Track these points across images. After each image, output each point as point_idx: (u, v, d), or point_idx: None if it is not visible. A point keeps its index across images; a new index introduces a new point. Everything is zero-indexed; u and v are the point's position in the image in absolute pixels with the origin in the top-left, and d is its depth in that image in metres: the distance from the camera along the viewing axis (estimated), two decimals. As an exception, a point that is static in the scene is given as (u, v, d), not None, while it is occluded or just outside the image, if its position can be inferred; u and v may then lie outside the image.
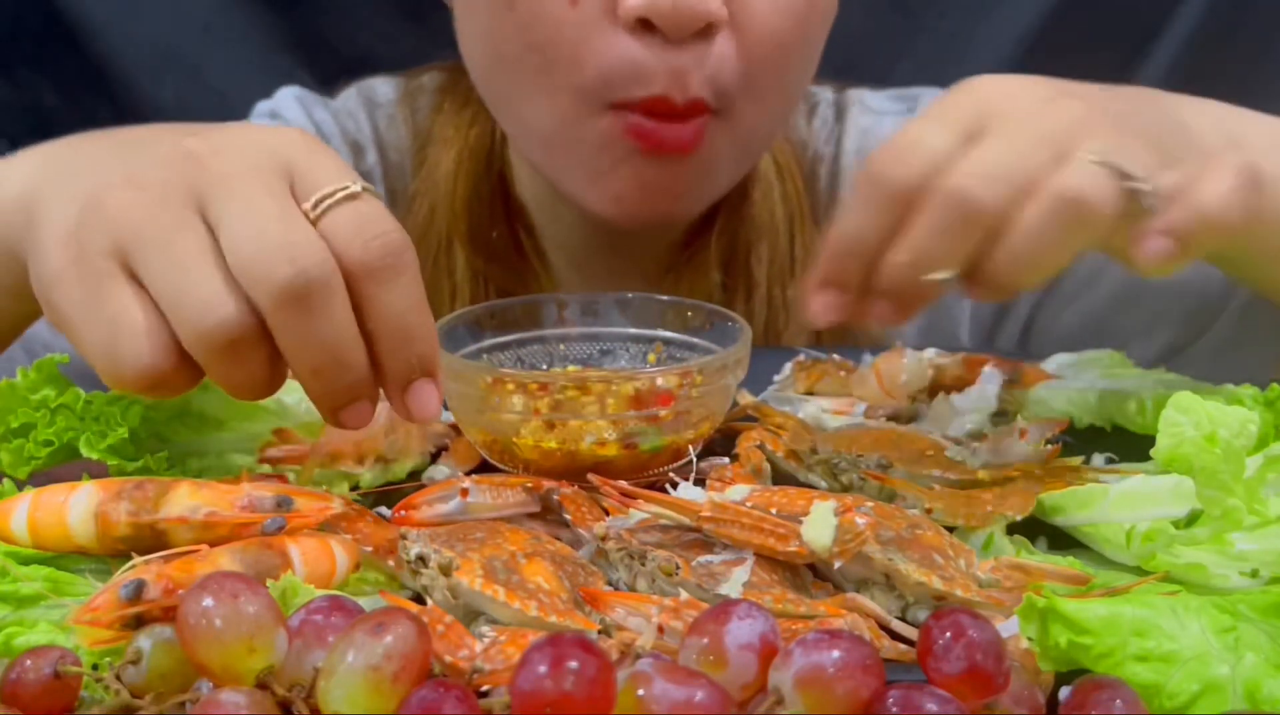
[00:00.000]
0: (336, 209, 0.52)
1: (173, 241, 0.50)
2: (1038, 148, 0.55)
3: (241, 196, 0.51)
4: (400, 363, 0.53)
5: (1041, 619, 0.42)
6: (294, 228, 0.50)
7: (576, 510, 0.57)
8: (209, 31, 1.37)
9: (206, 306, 0.50)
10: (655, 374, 0.62)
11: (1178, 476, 0.53)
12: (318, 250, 0.50)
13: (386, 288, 0.51)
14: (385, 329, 0.52)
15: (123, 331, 0.50)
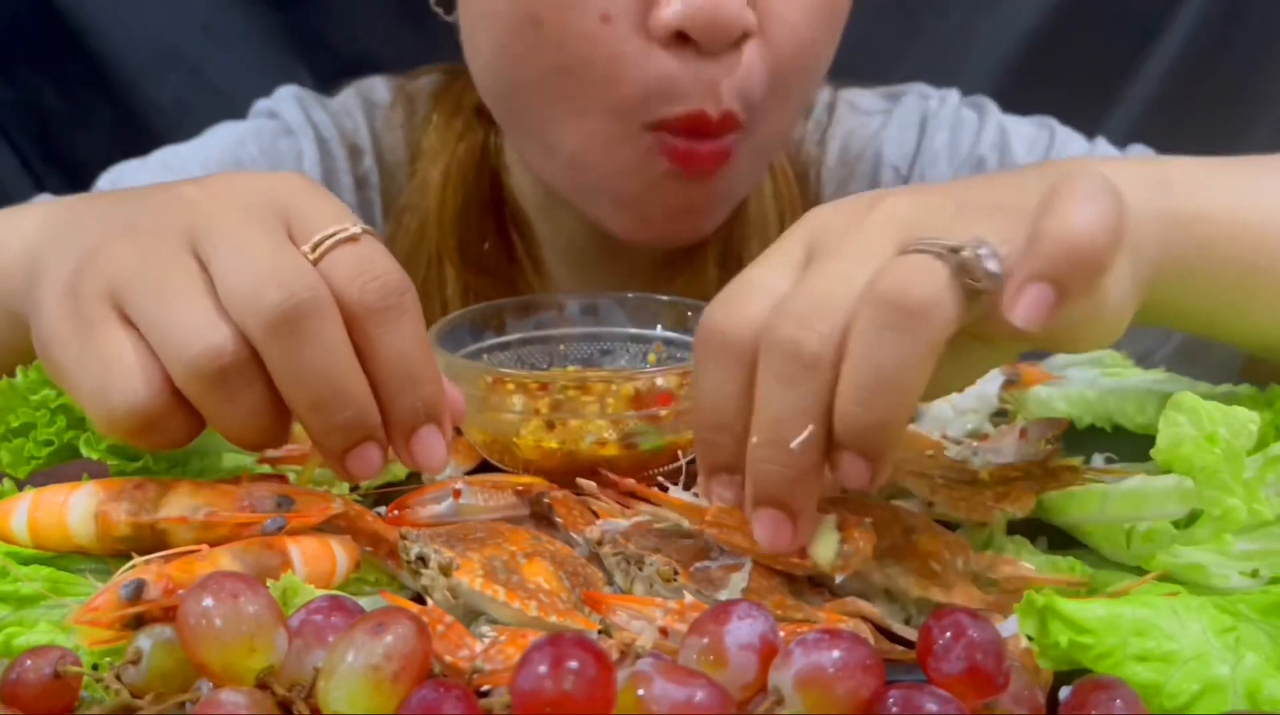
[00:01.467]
0: (335, 251, 0.50)
1: (163, 280, 0.49)
2: (855, 263, 0.47)
3: (233, 232, 0.50)
4: (405, 407, 0.51)
5: (1041, 618, 0.42)
6: (284, 257, 0.49)
7: (567, 514, 0.57)
8: (209, 31, 1.37)
9: (193, 335, 0.48)
10: (655, 374, 0.62)
11: (1178, 476, 0.53)
12: (309, 276, 0.49)
13: (388, 329, 0.50)
14: (388, 371, 0.50)
15: (113, 371, 0.49)
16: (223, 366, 0.48)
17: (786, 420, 0.46)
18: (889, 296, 0.45)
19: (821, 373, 0.46)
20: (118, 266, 0.50)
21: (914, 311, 0.45)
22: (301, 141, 0.98)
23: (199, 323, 0.49)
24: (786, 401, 0.46)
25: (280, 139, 0.99)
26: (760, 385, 0.47)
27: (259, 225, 0.51)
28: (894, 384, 0.45)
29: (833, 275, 0.48)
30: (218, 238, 0.50)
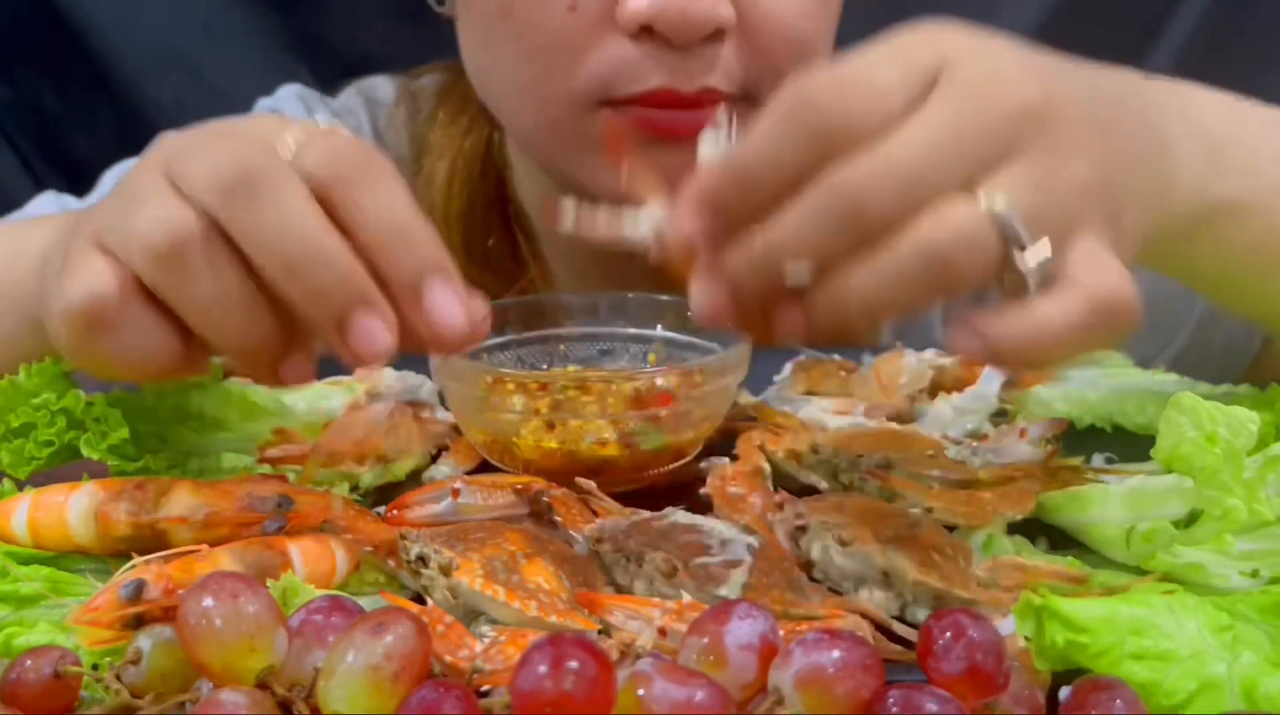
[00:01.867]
0: (309, 145, 0.49)
1: (136, 202, 0.49)
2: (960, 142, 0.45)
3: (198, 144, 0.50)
4: (404, 267, 0.47)
5: (1038, 618, 0.42)
6: (241, 144, 0.48)
7: (566, 512, 0.57)
8: (209, 31, 1.37)
9: (150, 222, 0.47)
10: (655, 374, 0.62)
11: (1178, 476, 0.53)
12: (262, 148, 0.48)
13: (366, 193, 0.47)
14: (376, 235, 0.47)
15: (75, 272, 0.48)
16: (180, 241, 0.46)
17: (796, 248, 0.44)
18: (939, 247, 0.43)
19: (860, 236, 0.44)
20: (102, 214, 0.50)
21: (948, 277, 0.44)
22: None
23: (155, 212, 0.47)
24: (811, 233, 0.44)
25: None
26: (799, 204, 0.44)
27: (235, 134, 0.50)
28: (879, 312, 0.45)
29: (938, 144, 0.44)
30: (183, 155, 0.49)
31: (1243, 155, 0.58)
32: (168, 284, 0.48)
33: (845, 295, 0.45)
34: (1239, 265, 0.60)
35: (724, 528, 0.54)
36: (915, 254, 0.44)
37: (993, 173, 0.45)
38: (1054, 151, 0.46)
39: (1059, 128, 0.46)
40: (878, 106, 0.45)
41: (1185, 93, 0.58)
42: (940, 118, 0.45)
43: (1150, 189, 0.52)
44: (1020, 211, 0.44)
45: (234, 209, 0.47)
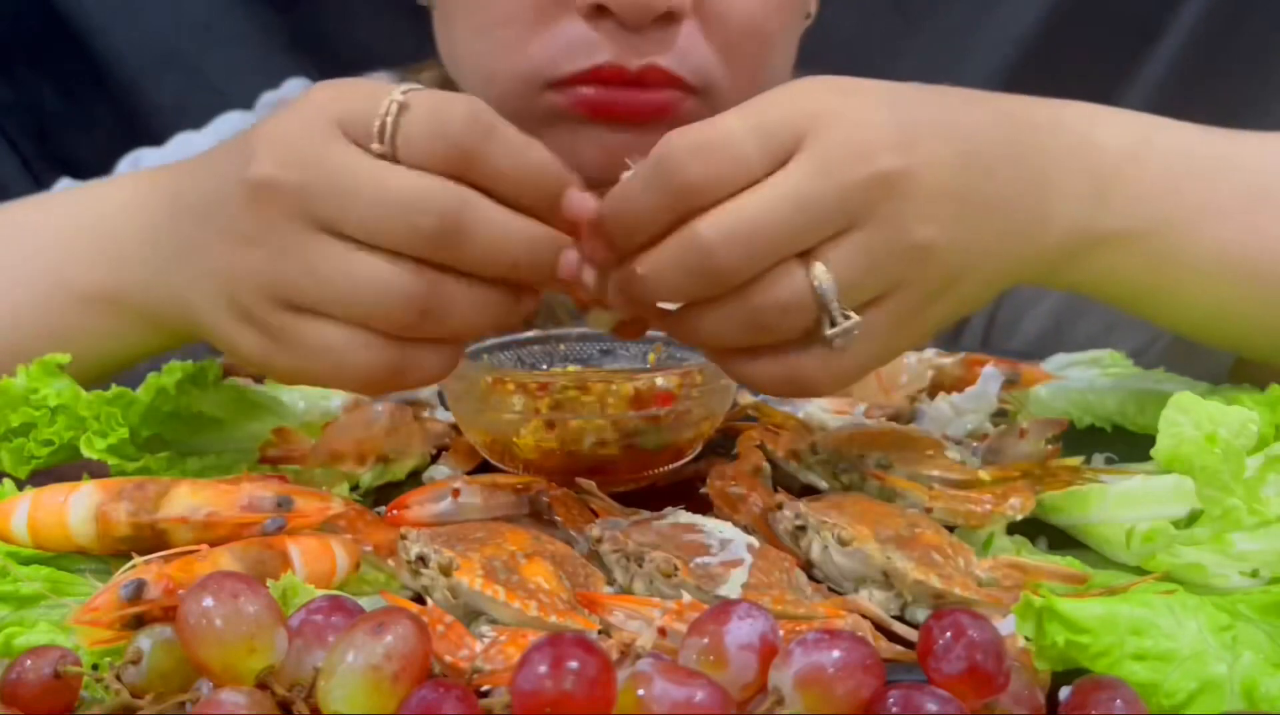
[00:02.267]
0: (400, 132, 0.51)
1: (313, 264, 0.52)
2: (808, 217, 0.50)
3: (333, 189, 0.51)
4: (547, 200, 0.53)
5: (1038, 618, 0.42)
6: (397, 184, 0.51)
7: (566, 512, 0.57)
8: (209, 31, 1.37)
9: (376, 292, 0.51)
10: (655, 374, 0.62)
11: (1178, 476, 0.53)
12: (429, 181, 0.51)
13: (490, 154, 0.51)
14: (518, 184, 0.52)
15: (329, 358, 0.52)
16: (418, 296, 0.51)
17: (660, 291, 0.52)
18: (758, 318, 0.51)
19: (717, 286, 0.51)
20: (261, 277, 0.53)
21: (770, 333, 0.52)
22: None
23: (373, 279, 0.51)
24: (672, 278, 0.51)
25: None
26: (663, 250, 0.51)
27: (341, 163, 0.51)
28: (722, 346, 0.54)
29: (784, 212, 0.50)
30: (324, 203, 0.51)
31: (1142, 184, 0.59)
32: (424, 330, 0.52)
33: (696, 334, 0.53)
34: (1143, 286, 0.62)
35: (724, 528, 0.54)
36: (744, 314, 0.51)
37: (831, 242, 0.51)
38: (896, 220, 0.51)
39: (907, 197, 0.51)
40: (734, 170, 0.50)
41: (1085, 125, 0.61)
42: (791, 186, 0.50)
43: (1016, 232, 0.56)
44: (837, 287, 0.51)
45: (450, 252, 0.51)
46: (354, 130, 0.52)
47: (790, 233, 0.50)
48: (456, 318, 0.52)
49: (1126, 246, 0.59)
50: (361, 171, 0.51)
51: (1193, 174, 0.61)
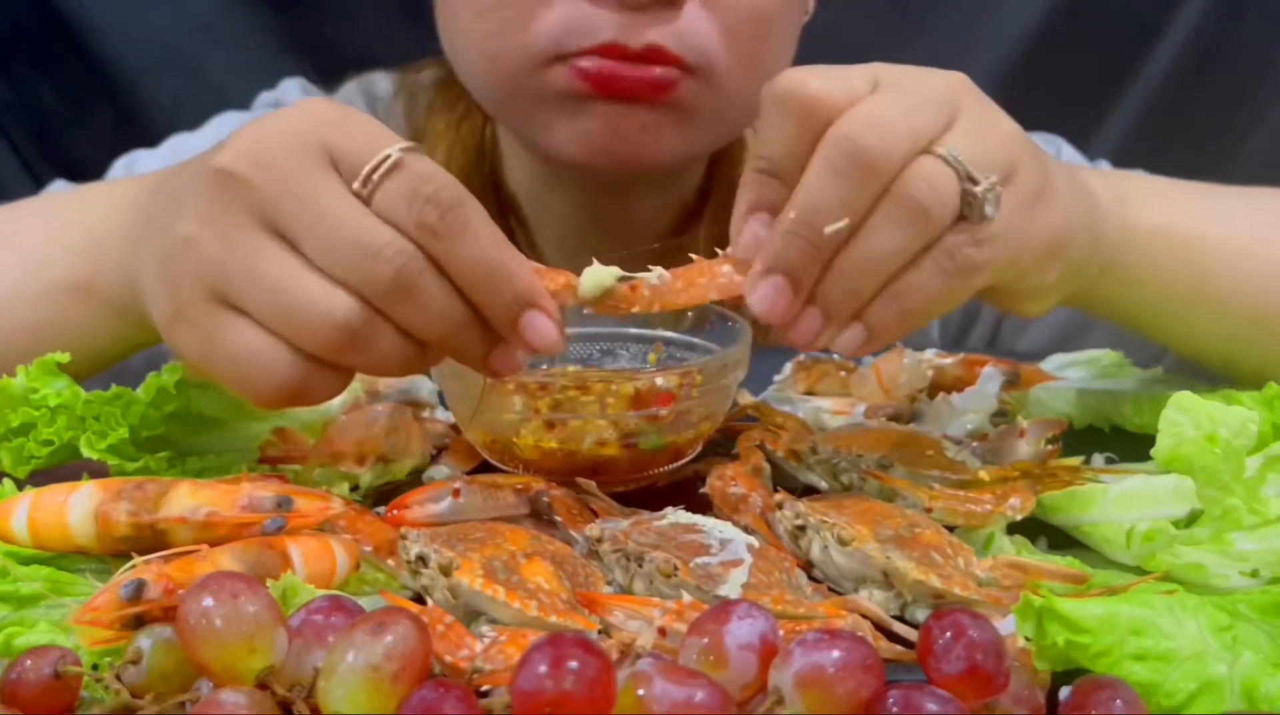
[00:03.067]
0: (385, 183, 0.52)
1: (257, 267, 0.52)
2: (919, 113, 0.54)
3: (303, 206, 0.52)
4: (498, 306, 0.53)
5: (1038, 618, 0.42)
6: (369, 227, 0.51)
7: (566, 512, 0.57)
8: (209, 31, 1.37)
9: (316, 313, 0.51)
10: (655, 374, 0.62)
11: (1178, 476, 0.53)
12: (403, 245, 0.51)
13: (456, 244, 0.52)
14: (472, 280, 0.53)
15: (245, 362, 0.53)
16: (352, 329, 0.52)
17: (826, 209, 0.52)
18: (915, 202, 0.53)
19: (870, 179, 0.52)
20: (201, 263, 0.53)
21: (929, 220, 0.53)
22: None
23: (313, 299, 0.51)
24: (831, 191, 0.52)
25: None
26: (812, 168, 0.53)
27: (320, 187, 0.52)
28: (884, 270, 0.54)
29: (902, 104, 0.54)
30: (291, 216, 0.52)
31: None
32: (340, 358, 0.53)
33: (871, 252, 0.53)
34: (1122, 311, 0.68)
35: (724, 528, 0.54)
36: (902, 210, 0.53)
37: (944, 133, 0.54)
38: (985, 110, 0.57)
39: (979, 98, 0.57)
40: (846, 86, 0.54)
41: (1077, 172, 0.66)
42: (892, 98, 0.54)
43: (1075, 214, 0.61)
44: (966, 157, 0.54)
45: (393, 305, 0.52)
46: (342, 163, 0.53)
47: (914, 119, 0.53)
48: (375, 355, 0.53)
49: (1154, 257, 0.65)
50: (338, 204, 0.52)
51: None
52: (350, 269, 0.51)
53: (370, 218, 0.52)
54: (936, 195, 0.53)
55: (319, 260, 0.52)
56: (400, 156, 0.52)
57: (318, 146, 0.53)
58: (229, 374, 0.54)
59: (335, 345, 0.52)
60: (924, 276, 0.54)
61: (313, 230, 0.52)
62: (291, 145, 0.53)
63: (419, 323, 0.53)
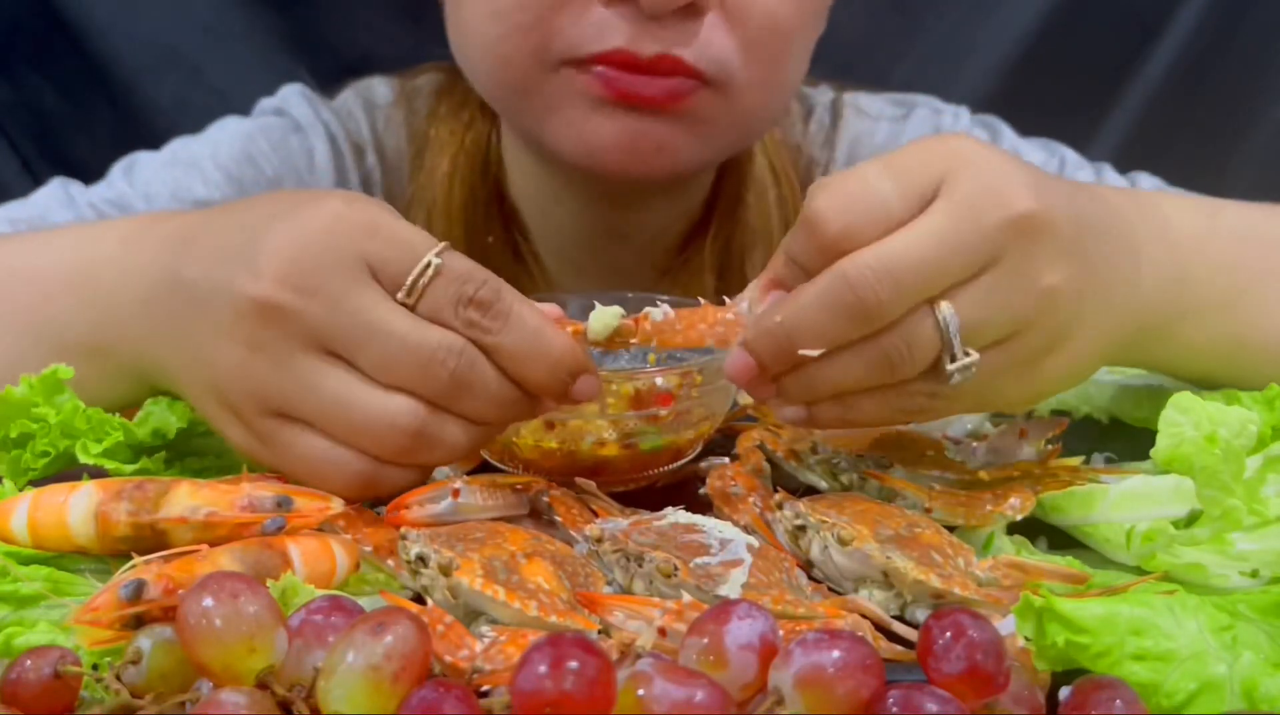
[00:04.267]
0: (429, 290, 0.54)
1: (317, 387, 0.54)
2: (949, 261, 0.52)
3: (354, 324, 0.53)
4: (550, 381, 0.55)
5: (1038, 618, 0.42)
6: (422, 334, 0.53)
7: (566, 512, 0.57)
8: (209, 31, 1.37)
9: (384, 423, 0.54)
10: (655, 374, 0.62)
11: (1178, 476, 0.53)
12: (454, 343, 0.54)
13: (503, 334, 0.54)
14: (521, 363, 0.55)
15: (318, 465, 0.55)
16: (416, 431, 0.54)
17: (807, 333, 0.52)
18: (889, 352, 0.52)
19: (860, 325, 0.52)
20: (258, 385, 0.55)
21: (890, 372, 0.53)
22: (312, 138, 0.98)
23: (378, 409, 0.54)
24: (818, 322, 0.52)
25: (290, 135, 0.99)
26: (814, 287, 0.52)
27: (366, 301, 0.53)
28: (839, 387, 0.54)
29: (932, 251, 0.51)
30: (342, 336, 0.54)
31: (1209, 263, 0.62)
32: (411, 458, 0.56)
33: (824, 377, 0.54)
34: (1204, 357, 0.64)
35: (724, 528, 0.54)
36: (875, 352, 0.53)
37: (964, 283, 0.52)
38: (1028, 262, 0.53)
39: (1039, 240, 0.53)
40: (877, 216, 0.52)
41: (1159, 212, 0.62)
42: (935, 226, 0.52)
43: (1116, 297, 0.58)
44: (961, 326, 0.52)
45: (452, 401, 0.55)
46: (382, 274, 0.54)
47: (936, 270, 0.51)
48: (442, 449, 0.56)
49: (1199, 320, 0.62)
50: (387, 316, 0.54)
51: (1261, 243, 0.64)
52: (410, 377, 0.54)
53: (420, 324, 0.54)
54: (910, 358, 0.52)
55: (377, 373, 0.54)
56: (440, 263, 0.54)
57: (357, 260, 0.54)
58: (304, 475, 0.55)
59: (403, 449, 0.54)
60: (874, 403, 0.55)
61: (367, 346, 0.53)
62: (332, 264, 0.54)
63: (478, 410, 0.55)
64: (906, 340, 0.52)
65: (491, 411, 0.55)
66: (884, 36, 1.38)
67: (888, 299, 0.51)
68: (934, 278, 0.51)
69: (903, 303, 0.51)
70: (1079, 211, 0.55)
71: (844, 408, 0.55)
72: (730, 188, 0.94)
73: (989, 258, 0.52)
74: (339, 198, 0.56)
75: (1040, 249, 0.53)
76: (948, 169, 0.53)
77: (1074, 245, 0.54)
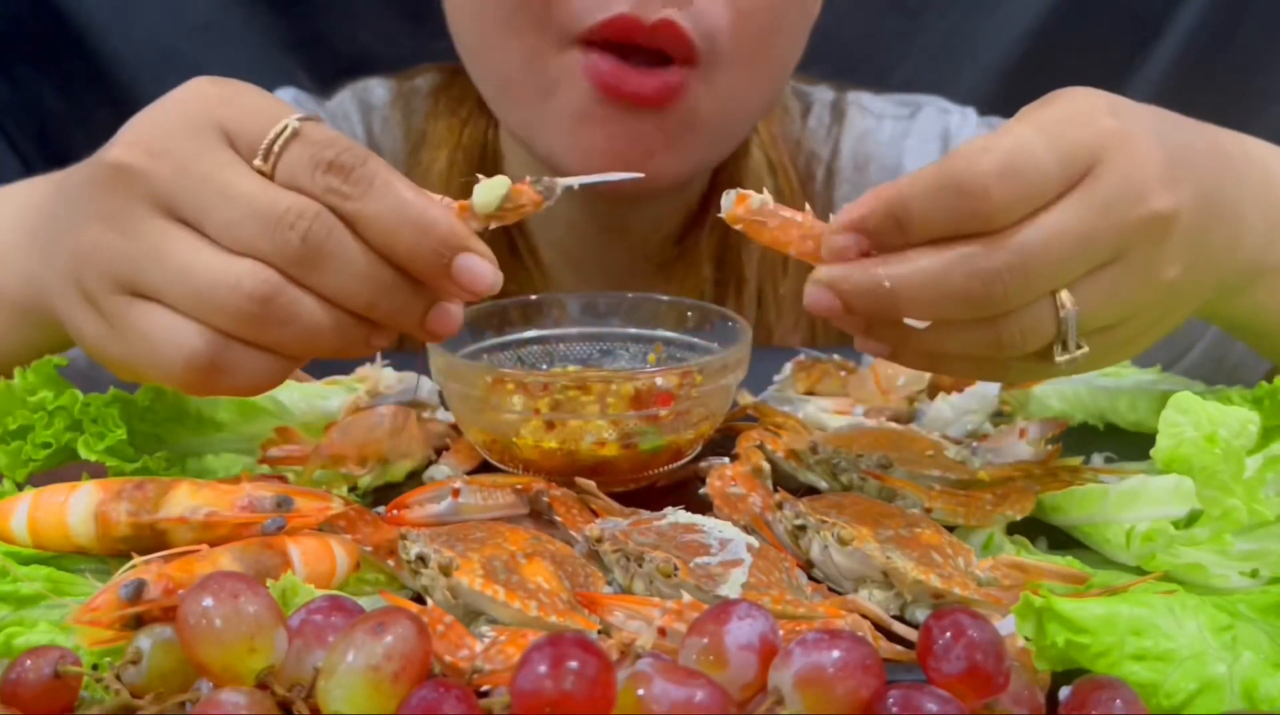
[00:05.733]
0: (284, 156, 0.51)
1: (163, 252, 0.51)
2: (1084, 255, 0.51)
3: (202, 186, 0.51)
4: (426, 255, 0.51)
5: (1038, 618, 0.42)
6: (271, 196, 0.50)
7: (566, 512, 0.57)
8: (209, 31, 1.37)
9: (225, 285, 0.50)
10: (655, 374, 0.62)
11: (1178, 476, 0.53)
12: (307, 206, 0.50)
13: (366, 199, 0.51)
14: (390, 236, 0.51)
15: (156, 338, 0.52)
16: (263, 297, 0.50)
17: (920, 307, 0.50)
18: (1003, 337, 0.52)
19: (978, 310, 0.50)
20: (106, 257, 0.52)
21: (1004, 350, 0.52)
22: None
23: (220, 271, 0.50)
24: (936, 301, 0.50)
25: None
26: (939, 265, 0.50)
27: (218, 165, 0.51)
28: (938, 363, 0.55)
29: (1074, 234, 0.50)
30: (191, 197, 0.51)
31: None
32: (260, 333, 0.51)
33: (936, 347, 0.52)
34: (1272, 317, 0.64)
35: (724, 528, 0.54)
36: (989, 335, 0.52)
37: (1094, 272, 0.52)
38: (1153, 260, 0.53)
39: (1166, 238, 0.53)
40: (1038, 193, 0.50)
41: (1262, 162, 0.62)
42: (1076, 222, 0.51)
43: (1218, 264, 0.57)
44: (1079, 317, 0.52)
45: (305, 271, 0.51)
46: (239, 141, 0.52)
47: (1071, 267, 0.51)
48: (296, 327, 0.51)
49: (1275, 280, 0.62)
50: (237, 179, 0.51)
51: None
52: (256, 239, 0.50)
53: (272, 188, 0.51)
54: (1023, 343, 0.52)
55: (223, 237, 0.51)
56: (298, 125, 0.52)
57: (212, 126, 0.53)
58: (143, 354, 0.52)
59: (249, 317, 0.50)
60: (969, 366, 0.54)
61: (214, 208, 0.51)
62: (184, 128, 0.53)
63: (341, 288, 0.51)
64: (1022, 328, 0.51)
65: (357, 291, 0.51)
66: (884, 36, 1.38)
67: (1015, 292, 0.50)
68: (1065, 274, 0.51)
69: (1029, 296, 0.51)
70: (1206, 192, 0.55)
71: (933, 362, 0.54)
72: (726, 180, 0.94)
73: (1118, 253, 0.52)
74: (207, 79, 0.56)
75: (1168, 247, 0.53)
76: (1104, 148, 0.51)
77: (1198, 236, 0.54)
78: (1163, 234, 0.52)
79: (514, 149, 0.95)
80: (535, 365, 0.72)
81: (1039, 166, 0.50)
